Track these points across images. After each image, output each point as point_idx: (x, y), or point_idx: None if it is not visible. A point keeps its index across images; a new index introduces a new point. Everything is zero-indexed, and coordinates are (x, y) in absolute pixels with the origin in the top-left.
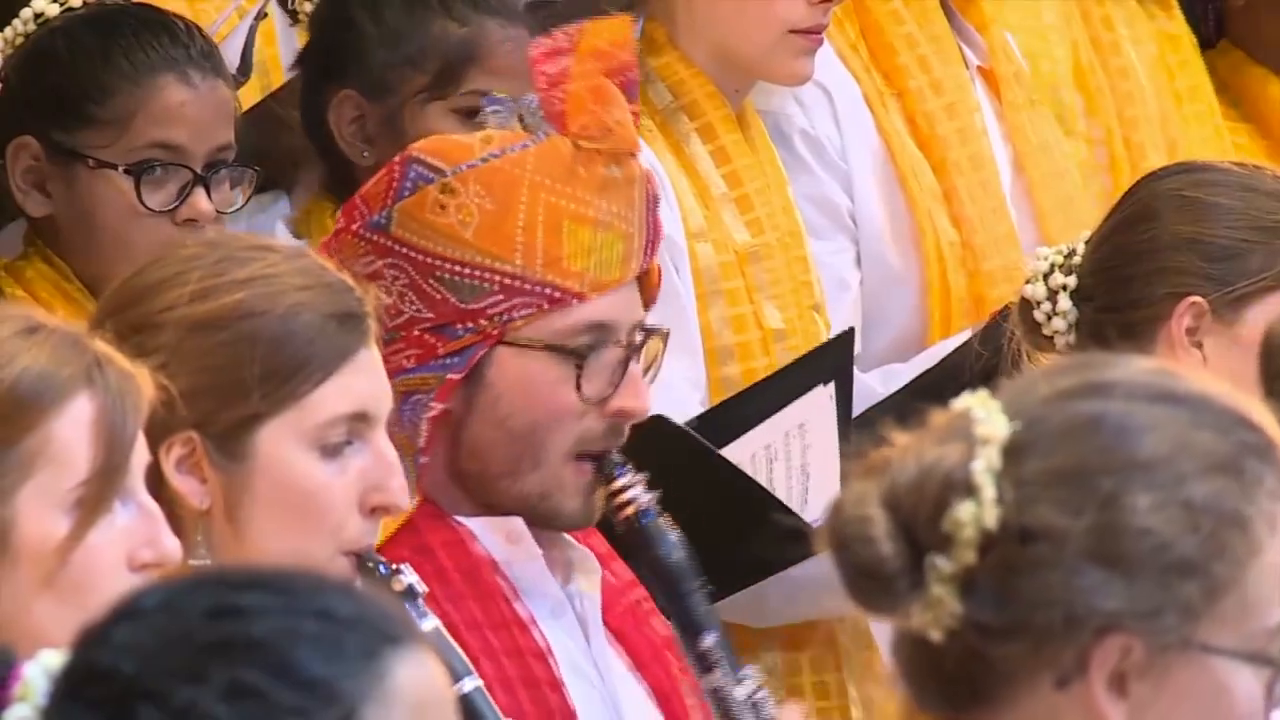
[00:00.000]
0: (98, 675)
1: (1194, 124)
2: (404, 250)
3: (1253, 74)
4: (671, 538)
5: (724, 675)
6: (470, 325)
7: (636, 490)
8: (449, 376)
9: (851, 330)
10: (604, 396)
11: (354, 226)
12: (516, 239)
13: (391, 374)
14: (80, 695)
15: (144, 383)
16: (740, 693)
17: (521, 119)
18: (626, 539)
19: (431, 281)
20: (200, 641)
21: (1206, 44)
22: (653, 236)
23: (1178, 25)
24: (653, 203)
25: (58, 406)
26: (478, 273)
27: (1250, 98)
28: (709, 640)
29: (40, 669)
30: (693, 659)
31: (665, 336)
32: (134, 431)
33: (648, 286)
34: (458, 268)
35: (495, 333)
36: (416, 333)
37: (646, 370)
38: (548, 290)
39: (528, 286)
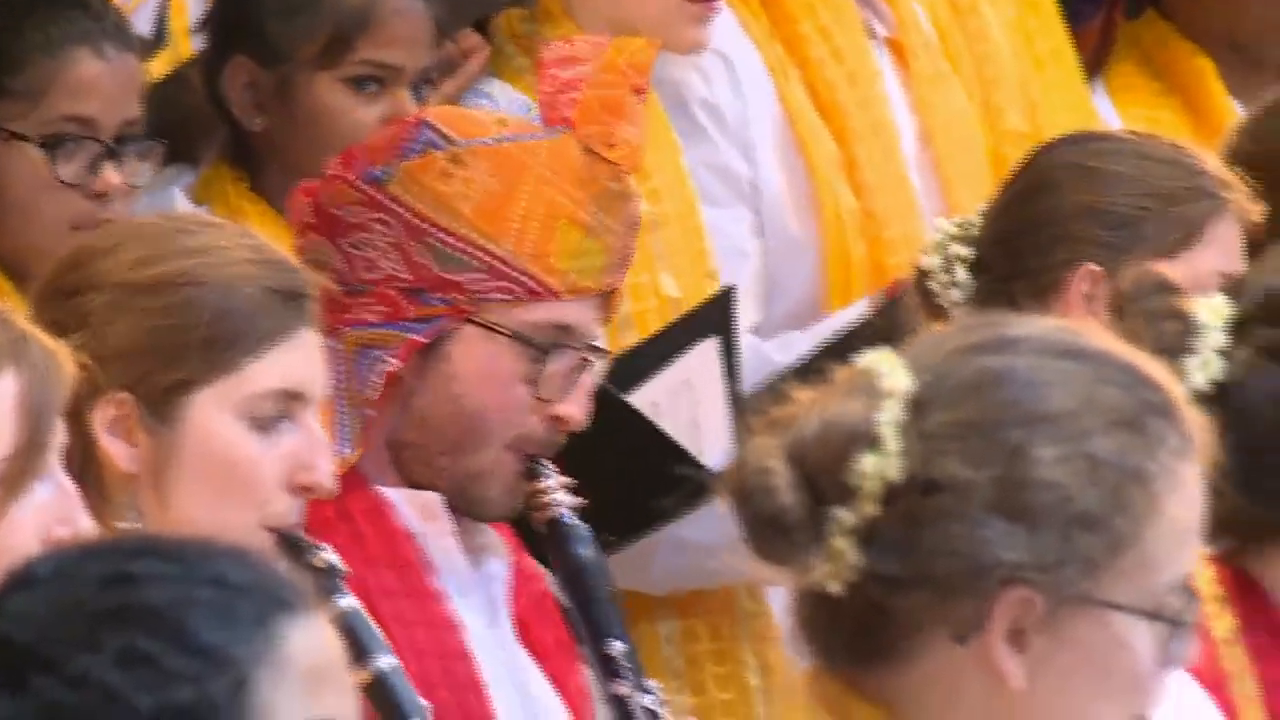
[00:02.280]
0: None
1: (1056, 89)
2: (397, 208)
3: (1180, 47)
4: (589, 540)
5: (628, 684)
6: (444, 296)
7: (559, 492)
8: (411, 338)
9: (732, 287)
10: (553, 397)
11: (349, 175)
12: (512, 224)
13: (353, 324)
14: None
15: (65, 361)
16: (644, 704)
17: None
18: (545, 538)
19: (417, 244)
20: (93, 609)
21: (1131, 14)
22: (626, 257)
23: None
24: (634, 226)
25: None
26: (466, 247)
27: (1177, 71)
28: (616, 647)
29: None
30: (596, 663)
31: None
32: (56, 409)
33: (609, 305)
34: (448, 238)
35: (467, 309)
36: (389, 291)
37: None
38: (528, 281)
39: (511, 272)
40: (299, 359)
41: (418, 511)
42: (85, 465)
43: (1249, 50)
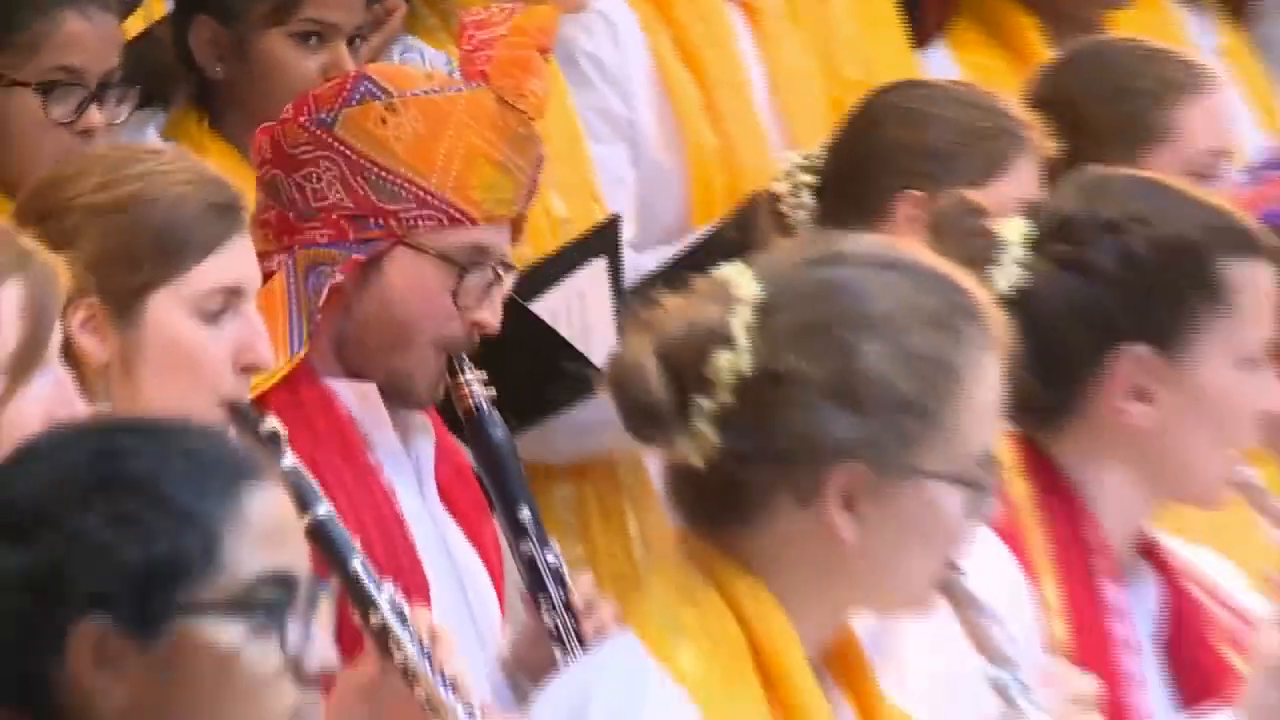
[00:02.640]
0: (4, 506)
1: (885, 46)
2: (341, 148)
3: (1009, 9)
4: (500, 423)
5: (534, 544)
6: (381, 222)
7: (476, 385)
8: (353, 257)
9: (619, 215)
10: (471, 306)
11: (300, 119)
12: (437, 162)
13: (304, 244)
14: None
15: (62, 271)
16: (547, 559)
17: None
18: (464, 421)
19: (358, 179)
20: (86, 478)
21: None
22: (532, 190)
23: None
24: (539, 163)
25: None
26: (399, 181)
27: (1007, 29)
28: (524, 513)
29: None
30: (507, 526)
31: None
32: (55, 311)
33: (517, 229)
34: (383, 173)
35: (400, 233)
36: (335, 217)
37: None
38: (451, 210)
39: (436, 202)
40: (236, 260)
41: (357, 399)
42: (65, 360)
43: (1063, 10)
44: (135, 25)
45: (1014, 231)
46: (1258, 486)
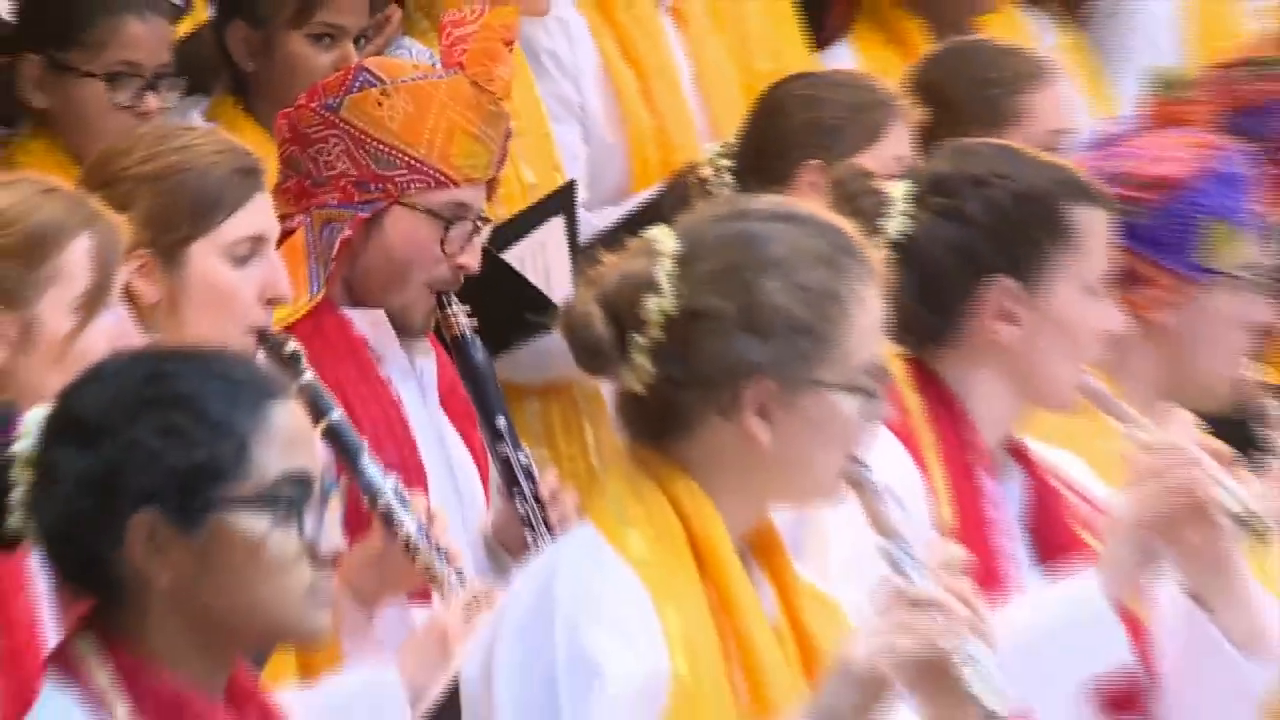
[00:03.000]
0: (72, 421)
1: (787, 43)
2: (345, 127)
3: (901, 14)
4: (481, 348)
5: (510, 447)
6: (380, 186)
7: (461, 317)
8: (359, 215)
9: (574, 181)
10: (455, 252)
11: (312, 104)
12: (424, 136)
13: (319, 206)
14: (62, 435)
15: (124, 228)
16: (519, 459)
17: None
18: (452, 346)
19: (361, 151)
20: (140, 396)
21: None
22: (502, 156)
23: None
24: (507, 134)
25: (68, 242)
26: (394, 152)
27: (898, 30)
28: (501, 421)
29: (34, 418)
30: (487, 432)
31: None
32: (118, 261)
33: (491, 189)
34: (381, 146)
35: (395, 194)
36: (342, 183)
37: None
38: (436, 174)
39: (424, 169)
40: (259, 214)
41: (369, 325)
42: (124, 300)
43: (943, 15)
44: (185, 27)
45: (900, 189)
46: (1101, 391)
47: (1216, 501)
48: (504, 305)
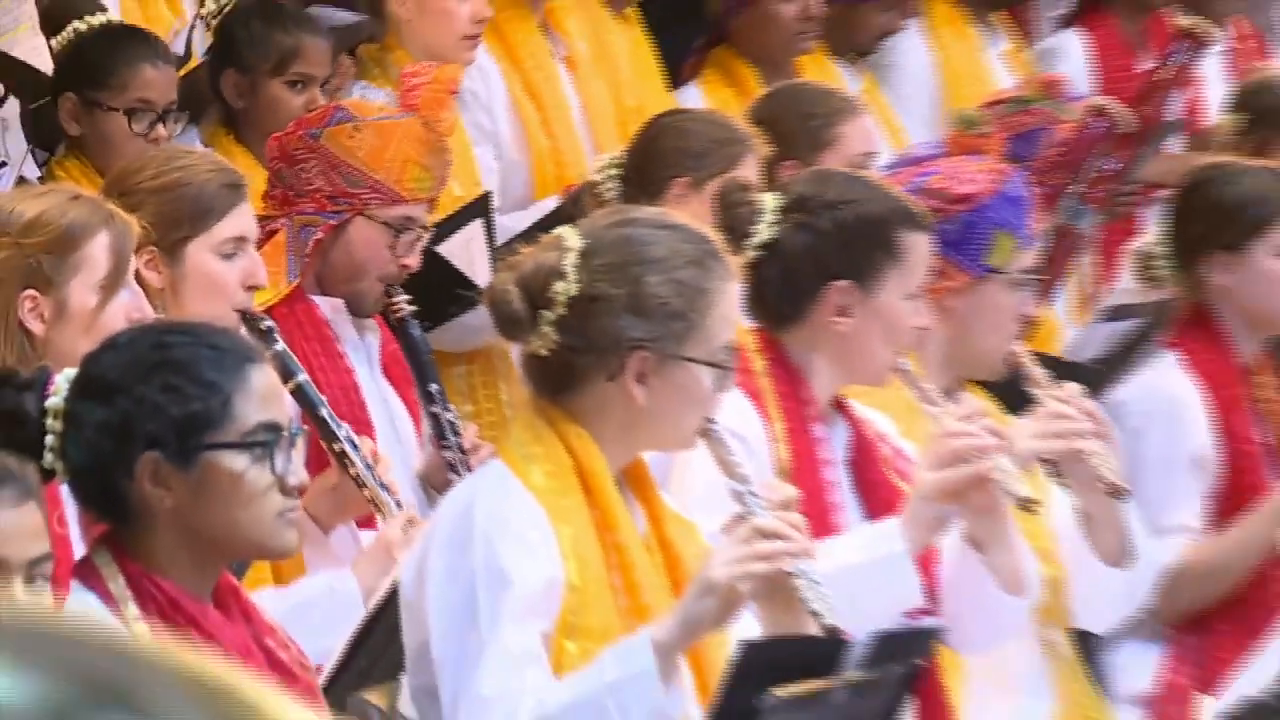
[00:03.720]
0: (94, 380)
1: (649, 87)
2: (323, 152)
3: (739, 63)
4: (418, 326)
5: (440, 406)
6: (348, 200)
7: (403, 301)
8: (329, 222)
9: (489, 191)
10: (402, 255)
11: (298, 132)
12: (385, 164)
13: (298, 212)
14: (85, 391)
15: (135, 227)
16: (447, 416)
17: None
18: (395, 326)
19: (334, 172)
20: (148, 361)
21: (715, 44)
22: (444, 181)
23: (638, 32)
24: (448, 164)
25: (90, 237)
26: (361, 175)
27: (738, 76)
28: (433, 386)
29: (64, 378)
30: (423, 395)
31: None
32: (130, 250)
33: (433, 205)
34: (351, 169)
35: (359, 208)
36: (318, 196)
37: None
38: (392, 194)
39: (384, 189)
40: (242, 218)
41: (331, 310)
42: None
43: (776, 61)
44: (183, 70)
45: (770, 201)
46: (910, 372)
47: (995, 477)
48: (437, 290)
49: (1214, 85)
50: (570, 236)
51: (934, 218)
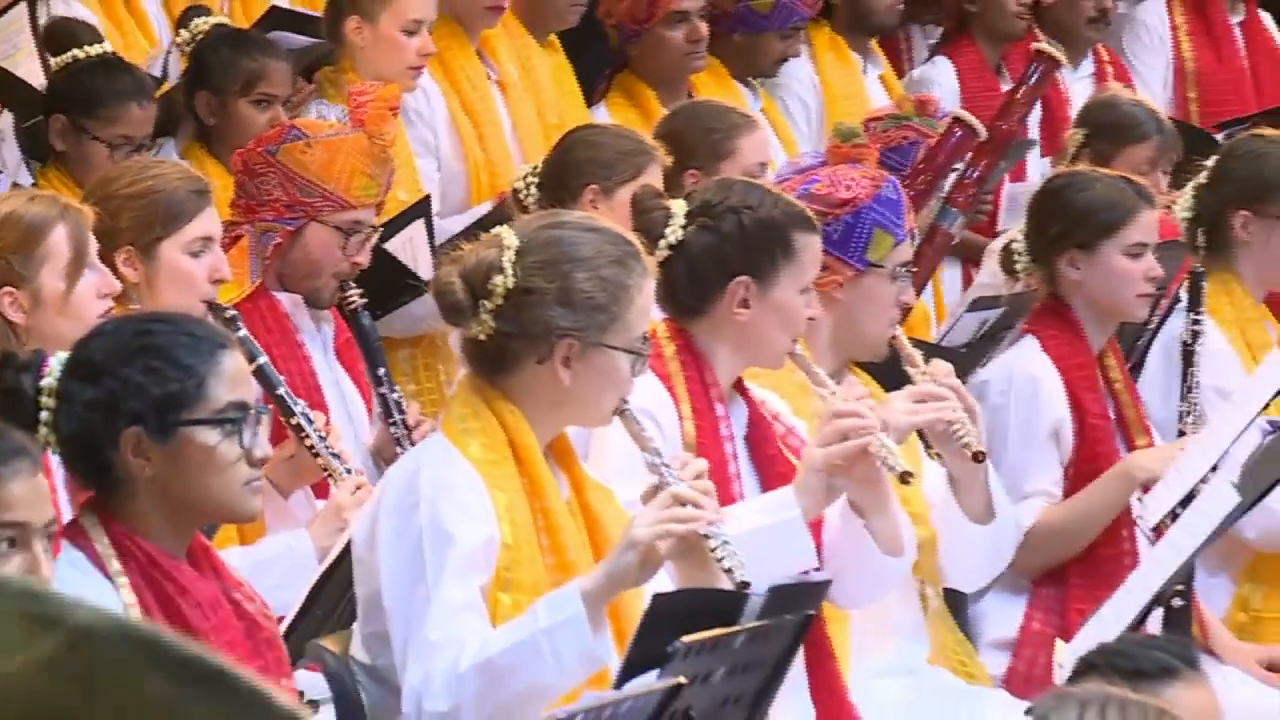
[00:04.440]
0: (83, 363)
1: (570, 106)
2: (280, 166)
3: (640, 85)
4: (368, 316)
5: (387, 387)
6: (303, 208)
7: (355, 295)
8: (287, 228)
9: (429, 195)
10: (352, 254)
11: (258, 149)
12: (334, 175)
13: (258, 219)
14: (76, 373)
15: (88, 214)
16: (393, 396)
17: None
18: (348, 316)
19: (290, 184)
20: (131, 346)
21: (620, 70)
22: (388, 187)
23: (560, 58)
24: (392, 173)
25: (50, 230)
26: (313, 186)
27: (640, 98)
28: (381, 370)
29: (57, 360)
30: (371, 377)
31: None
32: (87, 237)
33: (380, 208)
34: (304, 181)
35: (313, 215)
36: (277, 205)
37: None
38: (342, 201)
39: (334, 198)
40: (208, 221)
41: (291, 304)
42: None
43: (674, 83)
44: (158, 91)
45: (678, 208)
46: (803, 357)
47: (876, 452)
48: (384, 282)
49: (1076, 107)
50: (508, 235)
51: (820, 219)
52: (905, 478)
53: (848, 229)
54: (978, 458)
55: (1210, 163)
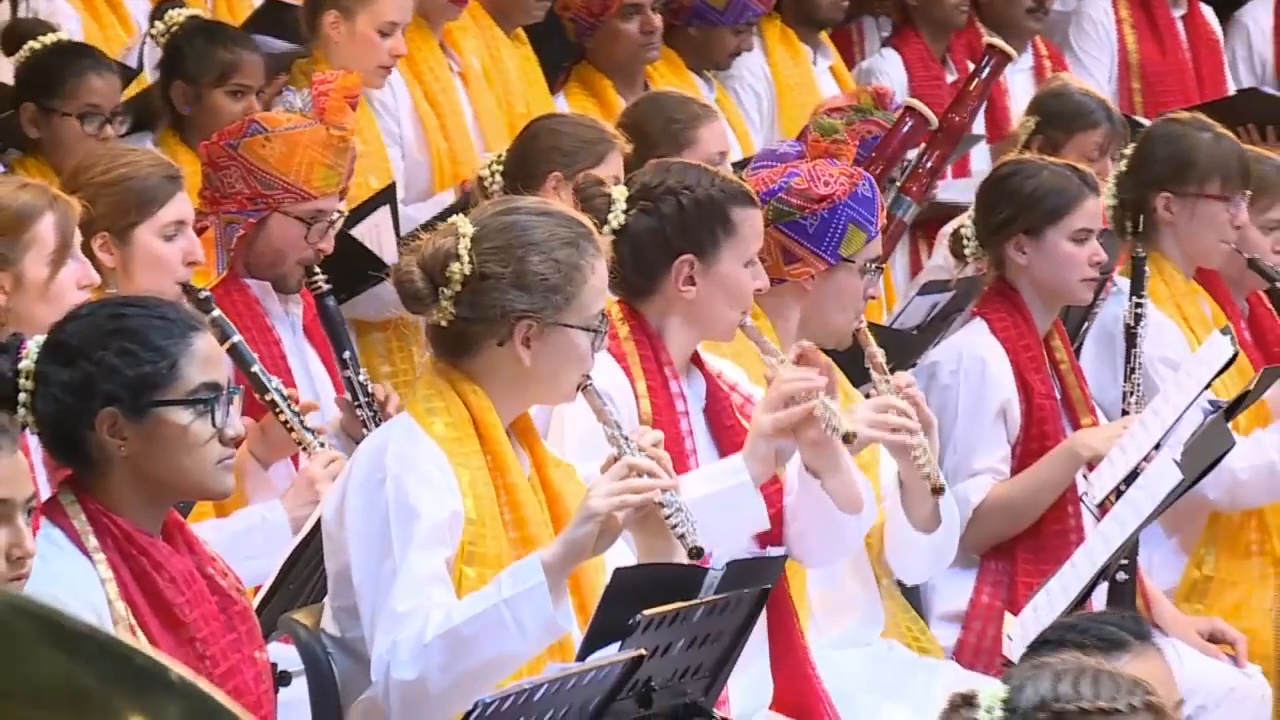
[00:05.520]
0: (59, 346)
1: (535, 95)
2: (242, 160)
3: (597, 76)
4: (334, 300)
5: (353, 369)
6: (265, 200)
7: (320, 280)
8: (249, 220)
9: (394, 183)
10: (315, 241)
11: (221, 144)
12: (294, 167)
13: (223, 211)
14: (53, 355)
15: (76, 206)
16: (359, 379)
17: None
18: (315, 300)
19: (251, 177)
20: (106, 329)
21: (578, 60)
22: (349, 175)
23: (527, 49)
24: (353, 161)
25: (38, 218)
26: (274, 178)
27: (596, 88)
28: (347, 352)
29: (35, 343)
30: (338, 359)
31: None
32: (73, 227)
33: (343, 195)
34: (265, 174)
35: (275, 206)
36: (240, 198)
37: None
38: (302, 192)
39: (294, 189)
40: (180, 205)
41: (260, 290)
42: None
43: (627, 75)
44: (134, 88)
45: (619, 193)
46: (752, 326)
47: (820, 414)
48: (350, 267)
49: (1019, 98)
50: (463, 224)
51: (798, 213)
52: (848, 438)
53: (823, 224)
54: (937, 491)
55: (1129, 150)
